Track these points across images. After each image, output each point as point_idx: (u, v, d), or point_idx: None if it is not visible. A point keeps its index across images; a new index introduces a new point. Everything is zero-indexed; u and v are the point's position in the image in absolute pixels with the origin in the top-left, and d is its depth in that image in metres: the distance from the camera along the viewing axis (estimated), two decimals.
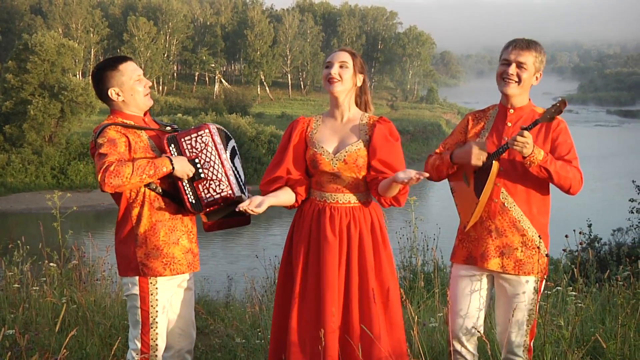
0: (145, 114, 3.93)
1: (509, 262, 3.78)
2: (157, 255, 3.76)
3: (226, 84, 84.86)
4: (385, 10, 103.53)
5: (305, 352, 3.68)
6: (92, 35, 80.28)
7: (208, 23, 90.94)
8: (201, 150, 3.75)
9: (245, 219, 3.96)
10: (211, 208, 3.76)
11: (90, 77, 4.08)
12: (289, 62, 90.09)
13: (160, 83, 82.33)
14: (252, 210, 3.63)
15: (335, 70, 3.80)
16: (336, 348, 3.64)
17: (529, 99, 3.92)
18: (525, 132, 3.57)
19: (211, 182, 3.73)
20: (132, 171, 3.54)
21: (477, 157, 3.73)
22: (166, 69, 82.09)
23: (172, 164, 3.65)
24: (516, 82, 3.80)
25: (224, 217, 3.93)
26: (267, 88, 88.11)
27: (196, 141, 3.76)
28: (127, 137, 3.71)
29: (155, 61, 79.08)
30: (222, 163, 3.75)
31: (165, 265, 3.77)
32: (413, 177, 3.44)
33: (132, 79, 3.81)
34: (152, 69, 78.99)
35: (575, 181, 3.71)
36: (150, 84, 3.94)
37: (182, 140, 3.77)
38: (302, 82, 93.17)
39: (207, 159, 3.74)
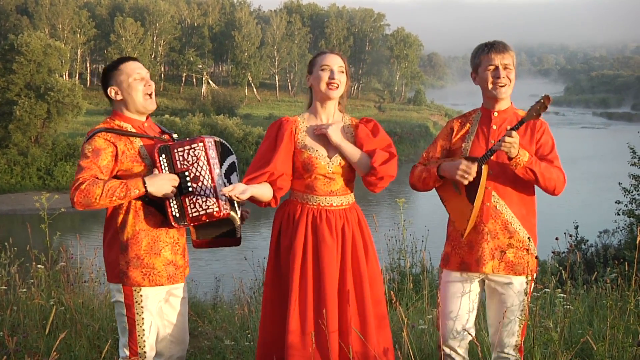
0: (147, 118, 3.89)
1: (503, 263, 3.80)
2: (137, 265, 3.72)
3: (213, 85, 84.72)
4: (373, 11, 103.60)
5: (306, 353, 3.69)
6: (78, 35, 79.89)
7: (195, 24, 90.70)
8: (192, 164, 3.68)
9: (235, 240, 3.92)
10: (196, 223, 3.70)
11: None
12: (276, 63, 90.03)
13: None
14: (236, 197, 3.61)
15: (338, 75, 3.84)
16: (337, 348, 3.69)
17: (511, 103, 3.95)
18: (513, 133, 3.60)
19: (198, 197, 3.65)
20: (102, 192, 3.52)
21: (462, 176, 3.75)
22: (153, 70, 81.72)
23: (144, 186, 3.59)
24: (507, 84, 3.84)
25: (215, 236, 3.90)
26: (254, 89, 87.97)
27: (188, 154, 3.68)
28: (115, 146, 3.67)
29: (143, 62, 78.07)
30: (212, 179, 3.67)
31: (144, 275, 3.73)
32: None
33: (130, 77, 3.77)
34: None
35: (559, 182, 3.76)
36: (153, 85, 3.87)
37: (175, 151, 3.69)
38: (289, 84, 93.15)
39: (197, 174, 3.67)
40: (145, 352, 3.79)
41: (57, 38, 66.22)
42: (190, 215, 3.66)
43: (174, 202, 3.67)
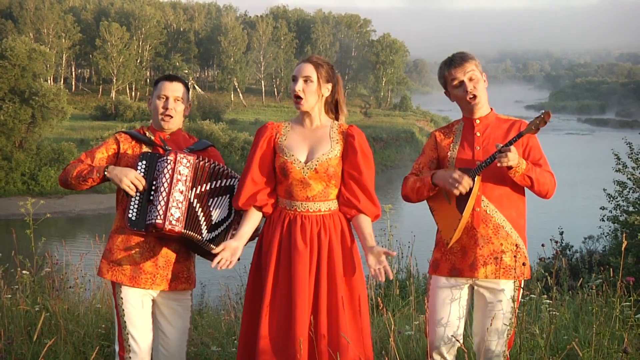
0: (177, 132, 4.08)
1: (498, 268, 3.81)
2: (107, 256, 3.92)
3: (199, 90, 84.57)
4: (359, 17, 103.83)
5: (275, 358, 3.69)
6: (63, 40, 79.60)
7: (181, 29, 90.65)
8: (159, 175, 3.83)
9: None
10: (148, 230, 3.80)
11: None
12: (262, 68, 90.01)
13: (133, 89, 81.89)
14: (227, 265, 3.72)
15: (299, 87, 3.82)
16: (306, 356, 3.66)
17: (492, 109, 3.99)
18: (512, 147, 3.64)
19: (152, 207, 3.79)
20: (75, 172, 3.84)
21: (452, 184, 3.76)
22: (139, 74, 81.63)
23: (104, 172, 3.80)
24: (477, 94, 3.88)
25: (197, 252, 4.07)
26: (240, 94, 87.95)
27: (160, 165, 3.84)
28: (119, 145, 3.97)
29: (128, 67, 78.66)
30: (168, 192, 3.78)
31: (109, 268, 3.90)
32: (379, 269, 3.63)
33: (156, 95, 4.02)
34: (125, 74, 78.57)
35: (551, 186, 3.82)
36: (169, 107, 3.99)
37: (158, 161, 3.87)
38: (275, 89, 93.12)
39: (160, 184, 3.80)
40: (130, 345, 3.87)
41: (42, 42, 65.79)
42: (146, 222, 3.80)
43: (137, 206, 3.81)
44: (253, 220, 3.86)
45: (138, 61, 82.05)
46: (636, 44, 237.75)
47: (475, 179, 3.76)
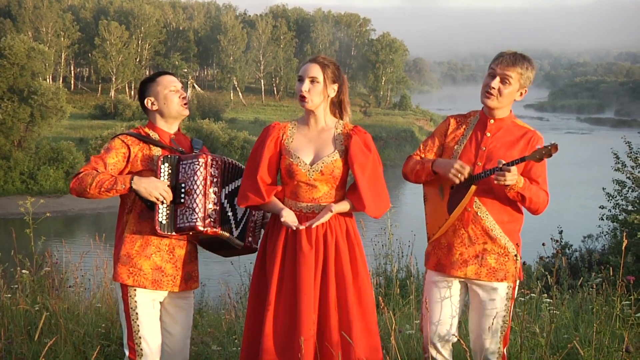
0: (178, 131, 4.09)
1: (482, 269, 3.84)
2: (125, 262, 3.86)
3: (199, 89, 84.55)
4: (359, 16, 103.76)
5: (279, 358, 3.69)
6: (62, 39, 79.52)
7: (181, 28, 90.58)
8: (189, 177, 3.82)
9: (238, 250, 4.09)
10: (181, 234, 3.83)
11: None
12: (262, 67, 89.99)
13: (132, 88, 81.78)
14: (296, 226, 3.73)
15: (305, 87, 3.82)
16: (312, 356, 3.66)
17: (511, 111, 3.97)
18: (512, 168, 3.63)
19: (186, 209, 3.79)
20: (93, 182, 3.72)
21: (455, 175, 3.77)
22: (138, 73, 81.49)
23: (130, 183, 3.73)
24: (496, 95, 3.85)
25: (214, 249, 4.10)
26: (240, 93, 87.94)
27: (189, 167, 3.84)
28: (129, 148, 3.90)
29: (127, 66, 78.59)
30: (204, 194, 3.79)
31: (130, 274, 3.86)
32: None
33: (166, 88, 3.99)
34: (124, 73, 78.51)
35: (543, 205, 3.83)
36: (185, 95, 4.05)
37: (181, 163, 3.86)
38: (275, 88, 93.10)
39: (191, 187, 3.80)
40: (142, 349, 3.87)
41: (41, 41, 65.68)
42: (177, 226, 3.79)
43: (165, 209, 3.80)
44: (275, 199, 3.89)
45: (137, 60, 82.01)
46: (635, 44, 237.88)
47: (471, 186, 3.77)
